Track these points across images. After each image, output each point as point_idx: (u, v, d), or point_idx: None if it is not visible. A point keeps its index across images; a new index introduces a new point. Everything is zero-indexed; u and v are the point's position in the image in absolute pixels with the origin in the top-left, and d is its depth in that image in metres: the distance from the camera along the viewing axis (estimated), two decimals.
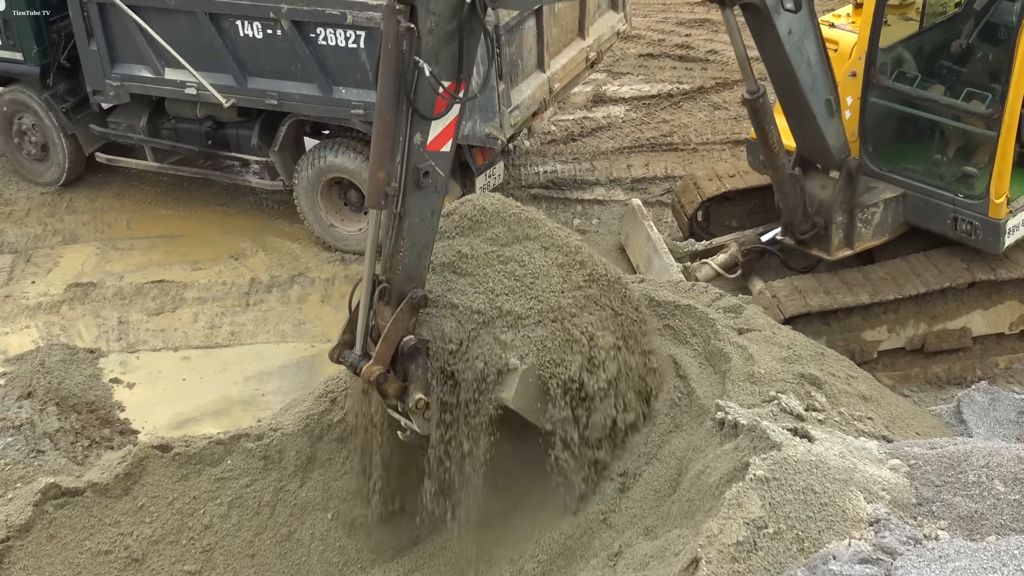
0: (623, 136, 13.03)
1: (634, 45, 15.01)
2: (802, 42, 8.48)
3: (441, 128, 6.60)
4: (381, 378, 6.81)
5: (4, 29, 11.95)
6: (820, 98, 8.77)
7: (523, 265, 7.03)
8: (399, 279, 6.79)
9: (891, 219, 9.33)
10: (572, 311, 6.88)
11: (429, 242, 6.85)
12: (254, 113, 11.33)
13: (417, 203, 6.68)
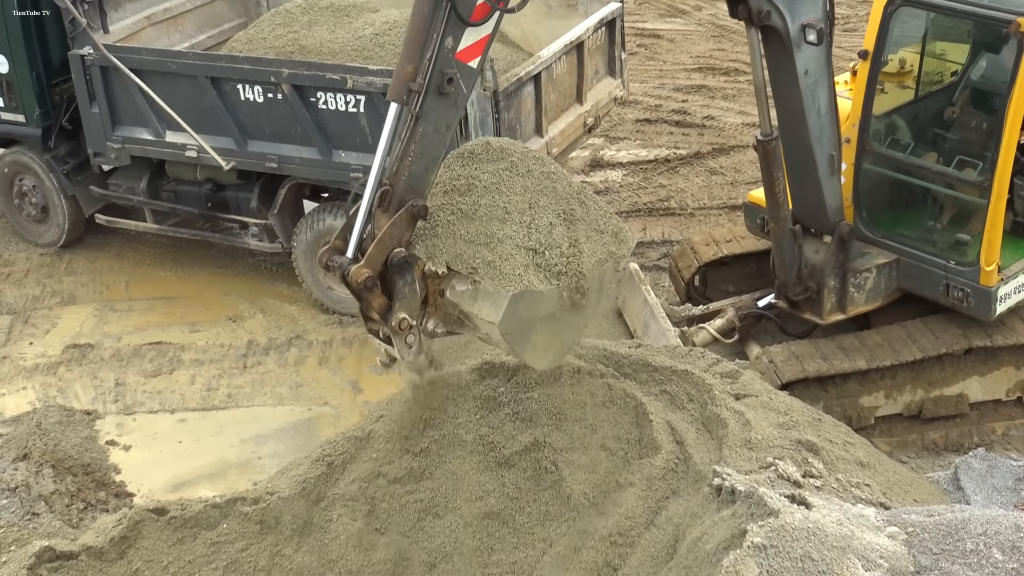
0: (620, 200, 13.11)
1: (631, 110, 15.14)
2: (816, 87, 8.59)
3: (474, 39, 6.66)
4: (368, 282, 6.65)
5: (7, 91, 12.04)
6: (824, 151, 8.87)
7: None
8: (403, 186, 6.71)
9: (884, 285, 9.37)
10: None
11: (439, 156, 6.81)
12: (254, 176, 11.41)
13: (435, 110, 6.67)
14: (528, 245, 6.89)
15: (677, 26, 18.15)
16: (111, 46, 11.20)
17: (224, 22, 13.25)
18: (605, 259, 7.13)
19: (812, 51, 8.48)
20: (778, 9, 8.25)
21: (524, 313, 6.77)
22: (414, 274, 6.77)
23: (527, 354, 6.94)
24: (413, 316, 6.78)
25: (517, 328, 6.79)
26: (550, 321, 6.95)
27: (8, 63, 11.85)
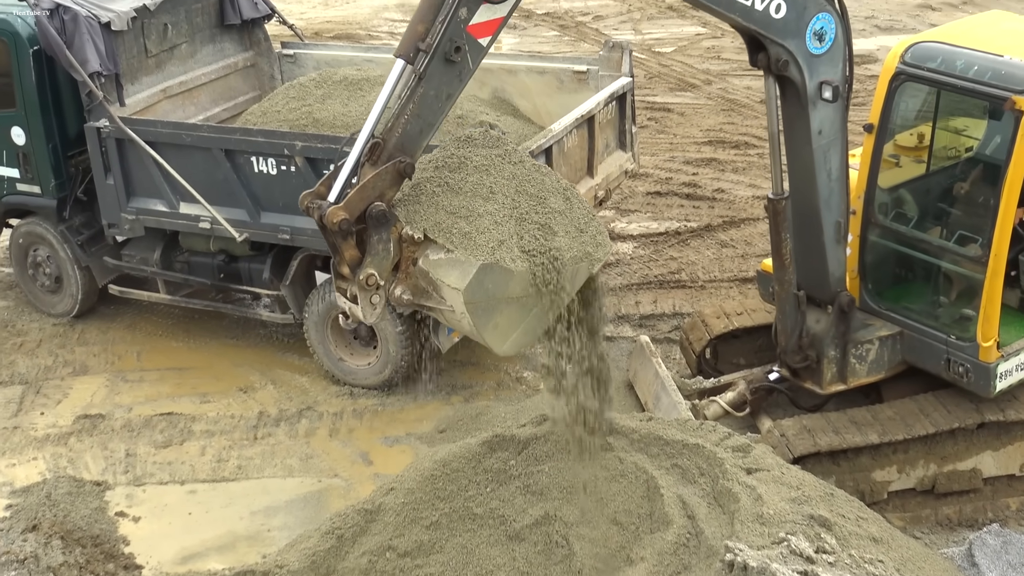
0: (631, 273, 13.14)
1: (642, 183, 15.22)
2: (829, 149, 8.65)
3: (488, 17, 6.89)
4: (343, 224, 6.68)
5: (23, 163, 12.15)
6: (832, 217, 8.91)
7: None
8: (394, 143, 6.84)
9: (888, 357, 9.37)
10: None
11: (434, 123, 6.94)
12: (266, 247, 11.47)
13: (438, 76, 6.84)
14: (507, 225, 6.98)
15: (687, 100, 18.30)
16: (127, 119, 11.31)
17: (239, 95, 13.39)
18: (580, 258, 7.16)
19: (828, 111, 8.56)
20: (797, 62, 8.37)
21: (491, 288, 6.81)
22: (390, 233, 6.84)
23: (488, 332, 6.93)
24: (382, 276, 6.84)
25: (482, 301, 6.81)
26: (517, 305, 6.98)
27: (25, 135, 11.97)
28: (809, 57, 8.39)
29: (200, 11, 12.91)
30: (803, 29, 8.32)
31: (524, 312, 7.06)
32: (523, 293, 6.98)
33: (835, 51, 8.48)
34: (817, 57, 8.42)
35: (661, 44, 20.94)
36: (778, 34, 8.29)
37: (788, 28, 8.29)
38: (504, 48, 20.96)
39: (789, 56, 8.33)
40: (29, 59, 11.64)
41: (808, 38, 8.35)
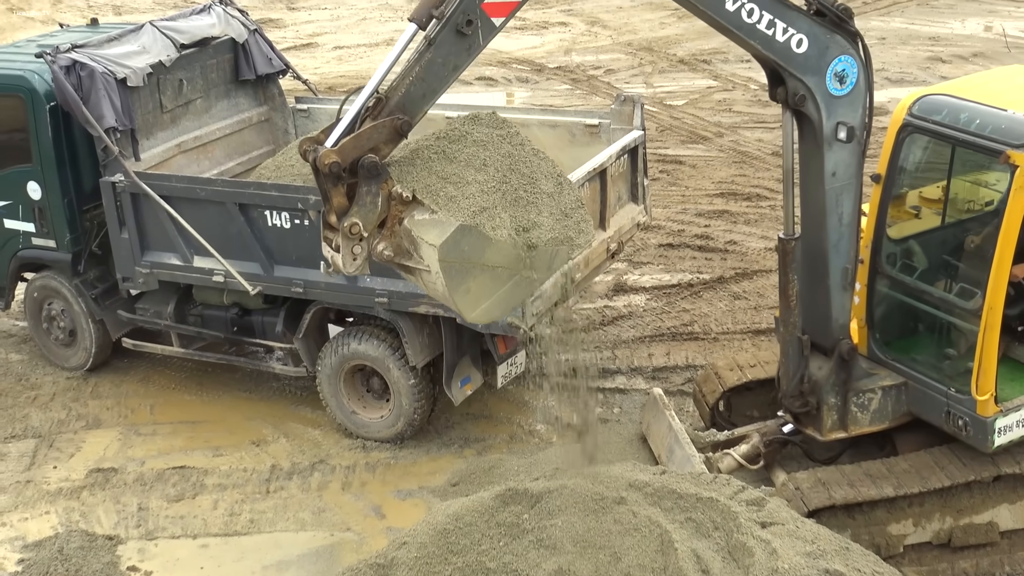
0: (644, 325, 13.14)
1: (654, 235, 15.25)
2: (842, 193, 8.68)
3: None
4: (334, 167, 6.84)
5: (39, 217, 12.23)
6: (839, 262, 8.92)
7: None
8: (396, 101, 7.03)
9: (892, 407, 9.33)
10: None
11: (438, 89, 7.14)
12: (279, 300, 11.50)
13: (447, 46, 7.07)
14: (493, 196, 7.12)
15: (699, 152, 18.36)
16: (142, 173, 11.39)
17: (253, 150, 13.47)
18: (561, 240, 7.24)
19: (843, 154, 8.60)
20: (815, 99, 8.44)
21: (467, 251, 6.93)
22: (380, 188, 7.01)
23: (458, 295, 7.03)
24: (366, 227, 7.00)
25: (456, 261, 6.93)
26: (492, 275, 7.10)
27: (41, 190, 12.05)
28: (828, 97, 8.46)
29: (215, 67, 13.03)
30: (824, 68, 8.41)
31: (498, 283, 7.16)
32: (499, 263, 7.09)
33: (856, 95, 8.53)
34: (837, 98, 8.49)
35: (672, 97, 21.06)
36: (798, 69, 8.38)
37: (808, 64, 8.38)
38: (516, 101, 21.10)
39: (807, 92, 8.42)
40: (46, 115, 11.74)
41: (829, 77, 8.43)
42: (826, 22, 8.38)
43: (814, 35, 8.35)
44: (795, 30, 8.30)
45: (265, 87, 13.63)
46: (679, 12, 26.39)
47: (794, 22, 8.31)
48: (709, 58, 23.25)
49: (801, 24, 8.32)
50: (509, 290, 7.24)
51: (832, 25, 8.38)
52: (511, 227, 7.13)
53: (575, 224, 7.39)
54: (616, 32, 25.85)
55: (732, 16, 8.20)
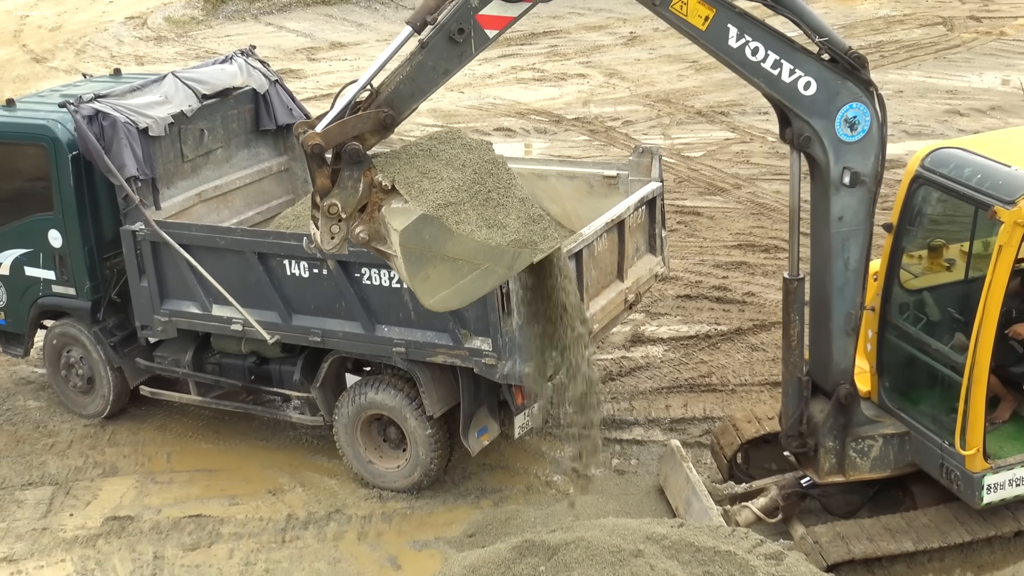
0: (661, 376, 13.11)
1: (672, 287, 15.25)
2: (849, 238, 8.69)
3: (499, 12, 7.66)
4: (316, 148, 7.43)
5: (59, 265, 12.30)
6: (844, 307, 8.92)
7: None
8: (386, 96, 7.63)
9: (894, 456, 9.30)
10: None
11: (426, 91, 7.72)
12: (297, 349, 11.52)
13: (439, 51, 7.63)
14: (463, 193, 7.64)
15: (717, 204, 18.38)
16: (162, 222, 11.46)
17: (272, 199, 13.54)
18: (524, 243, 7.68)
19: (851, 199, 8.63)
20: (821, 142, 8.49)
21: (428, 239, 7.44)
22: (362, 175, 7.56)
23: (417, 281, 7.54)
24: (345, 210, 7.56)
25: (417, 248, 7.45)
26: (452, 266, 7.58)
27: (62, 238, 12.13)
28: (837, 142, 8.51)
29: (236, 117, 13.15)
30: (833, 113, 8.47)
31: (458, 274, 7.61)
32: (459, 256, 7.56)
33: (868, 143, 8.56)
34: (847, 144, 8.54)
35: (690, 149, 21.11)
36: (804, 111, 8.45)
37: (816, 108, 8.44)
38: (534, 152, 21.19)
39: (813, 134, 8.48)
40: (68, 164, 11.84)
41: (838, 123, 8.49)
42: (837, 68, 8.45)
43: (823, 79, 8.41)
44: (802, 72, 8.39)
45: (285, 137, 13.72)
46: (697, 64, 26.54)
47: (802, 64, 8.40)
48: (727, 110, 23.32)
49: (809, 67, 8.40)
50: (469, 283, 7.69)
51: (843, 71, 8.44)
52: (477, 224, 7.60)
53: (541, 230, 7.82)
54: (634, 84, 25.98)
55: (736, 53, 8.34)
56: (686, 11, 8.30)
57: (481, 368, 10.22)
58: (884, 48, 27.46)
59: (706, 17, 8.32)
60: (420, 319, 10.43)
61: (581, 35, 31.13)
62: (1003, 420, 9.18)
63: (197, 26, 34.53)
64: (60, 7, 37.83)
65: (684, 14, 8.31)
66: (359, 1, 35.77)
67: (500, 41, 30.98)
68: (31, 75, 29.44)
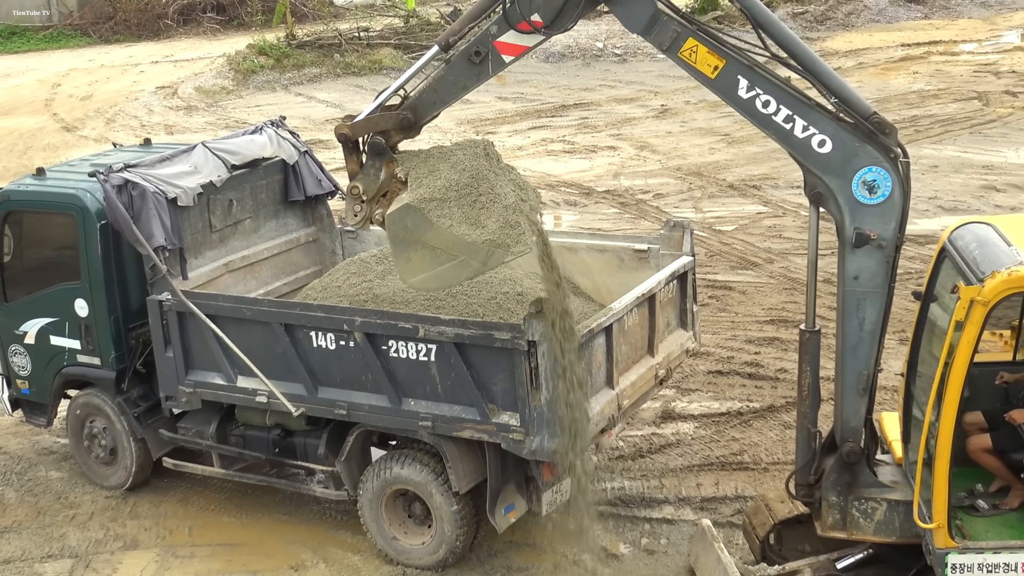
0: (692, 454, 13.02)
1: (703, 362, 15.20)
2: (864, 299, 8.76)
3: (515, 40, 8.87)
4: (341, 138, 9.27)
5: (85, 334, 12.37)
6: (856, 366, 8.95)
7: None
8: (411, 101, 9.21)
9: (900, 523, 9.20)
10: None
11: (445, 101, 9.18)
12: (322, 422, 11.51)
13: (459, 69, 9.02)
14: (453, 191, 9.05)
15: (749, 278, 18.38)
16: (189, 292, 11.53)
17: (300, 270, 13.63)
18: (498, 244, 8.94)
19: (868, 261, 8.72)
20: (836, 200, 8.65)
21: (411, 226, 9.00)
22: (384, 165, 9.28)
23: (400, 262, 9.22)
24: (367, 192, 9.29)
25: (401, 233, 9.07)
26: (432, 253, 9.03)
27: (88, 307, 12.21)
28: (854, 202, 8.62)
29: (265, 187, 13.26)
30: (850, 174, 8.60)
31: (436, 261, 9.06)
32: (437, 245, 8.98)
33: (888, 208, 8.65)
34: (865, 206, 8.63)
35: (722, 222, 21.15)
36: (818, 168, 8.63)
37: (831, 167, 8.60)
38: (564, 225, 21.25)
39: (827, 192, 8.65)
40: (96, 233, 11.95)
41: (855, 185, 8.61)
42: (856, 130, 8.57)
43: (840, 140, 8.57)
44: (817, 130, 8.61)
45: (314, 208, 13.84)
46: (729, 138, 26.67)
47: (816, 122, 8.60)
48: (759, 183, 23.38)
49: (825, 126, 8.59)
50: (446, 270, 9.11)
51: (863, 135, 8.56)
52: (458, 220, 8.98)
53: (518, 236, 9.02)
54: (665, 157, 26.10)
55: (746, 104, 8.66)
56: (695, 59, 8.76)
57: (508, 444, 10.19)
58: (919, 123, 27.53)
59: (715, 67, 8.74)
60: (447, 393, 10.41)
61: (612, 107, 31.36)
62: (1011, 508, 9.06)
63: (227, 96, 34.99)
64: (91, 76, 38.46)
65: (693, 61, 8.76)
66: (389, 72, 36.15)
67: (530, 113, 31.31)
68: (61, 144, 29.85)
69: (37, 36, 46.97)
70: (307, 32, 40.05)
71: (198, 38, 45.56)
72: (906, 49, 36.58)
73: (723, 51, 8.78)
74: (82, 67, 40.32)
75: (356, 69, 36.93)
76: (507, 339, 9.89)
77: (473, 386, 10.19)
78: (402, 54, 37.70)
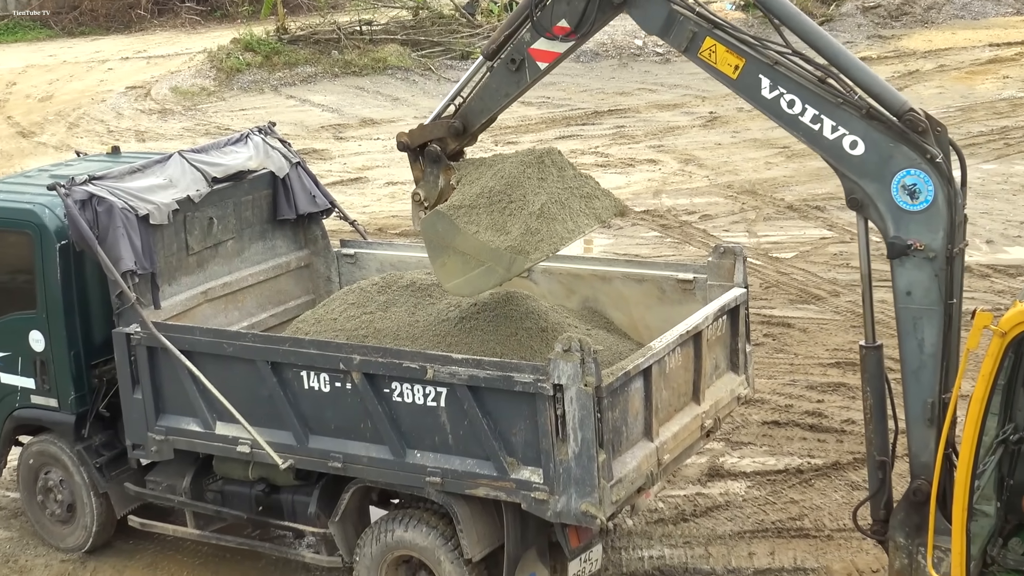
0: (744, 518, 12.99)
1: (757, 411, 15.18)
2: (920, 318, 8.95)
3: (548, 47, 10.18)
4: (400, 145, 11.07)
5: (40, 372, 12.39)
6: (921, 393, 9.10)
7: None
8: (463, 108, 10.73)
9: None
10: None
11: (492, 108, 10.64)
12: (314, 476, 11.52)
13: (501, 75, 10.45)
14: (483, 199, 10.48)
15: (811, 314, 18.36)
16: (161, 324, 11.57)
17: (290, 299, 13.66)
18: (518, 250, 10.22)
19: (919, 275, 8.95)
20: (876, 207, 9.02)
21: (442, 232, 10.49)
22: (441, 172, 10.93)
23: (436, 266, 10.66)
24: (428, 199, 10.98)
25: (434, 239, 10.60)
26: (462, 258, 10.41)
27: (45, 340, 12.25)
28: (896, 210, 8.94)
29: (251, 204, 13.30)
30: (887, 177, 8.93)
31: (468, 266, 10.39)
32: (466, 250, 10.35)
33: (933, 215, 8.85)
34: (908, 213, 8.91)
35: (779, 248, 21.16)
36: (852, 171, 9.03)
37: (866, 170, 8.98)
38: (596, 250, 21.29)
39: (866, 198, 9.05)
40: (55, 255, 11.99)
41: (895, 189, 8.94)
42: (887, 129, 8.89)
43: (873, 140, 8.91)
44: (847, 130, 9.02)
45: (307, 228, 13.89)
46: (788, 151, 26.68)
47: (846, 122, 9.01)
48: (822, 204, 23.37)
49: (855, 125, 8.98)
50: (477, 276, 10.38)
51: (896, 134, 8.85)
52: (484, 227, 10.33)
53: (536, 242, 10.25)
54: (714, 172, 26.15)
55: (770, 104, 9.21)
56: (715, 59, 9.44)
57: (530, 503, 10.17)
58: (1009, 135, 27.51)
59: (736, 66, 9.35)
60: (459, 444, 10.42)
61: (652, 114, 31.47)
62: None
63: (208, 98, 35.26)
64: (52, 74, 38.79)
65: (713, 61, 9.45)
66: (395, 72, 36.39)
67: (557, 120, 31.41)
68: (16, 151, 30.10)
69: None
70: (301, 25, 40.35)
71: (175, 31, 46.02)
72: (995, 50, 36.62)
73: (742, 49, 9.31)
74: (41, 63, 40.70)
75: (357, 68, 37.15)
76: (529, 382, 9.89)
77: (489, 436, 10.19)
78: (410, 51, 37.90)
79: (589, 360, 9.67)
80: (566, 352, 9.67)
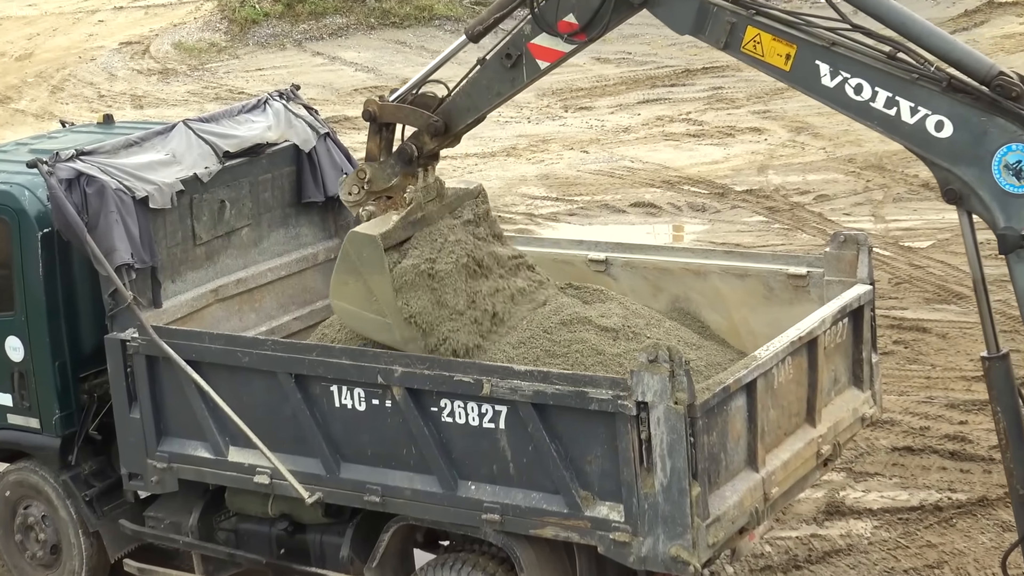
0: (870, 564, 12.95)
1: (886, 435, 15.12)
2: None
3: (547, 44, 10.29)
4: (366, 115, 11.11)
5: (18, 386, 12.44)
6: None
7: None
8: (445, 104, 10.83)
9: None
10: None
11: (479, 106, 10.82)
12: (347, 513, 11.56)
13: (492, 71, 10.58)
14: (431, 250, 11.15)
15: (951, 316, 18.27)
16: (163, 328, 11.62)
17: (317, 299, 13.64)
18: (408, 339, 10.92)
19: None
20: (978, 196, 9.03)
21: (365, 258, 10.92)
22: (403, 173, 11.19)
23: (334, 282, 11.24)
24: (372, 184, 11.28)
25: (352, 258, 11.04)
26: (367, 294, 10.97)
27: (24, 348, 12.30)
28: (1001, 194, 8.94)
29: (270, 184, 13.28)
30: (985, 157, 8.91)
31: (367, 306, 11.04)
32: (376, 292, 10.92)
33: None
34: (1017, 197, 8.90)
35: (912, 236, 21.05)
36: (943, 157, 9.04)
37: (959, 153, 8.97)
38: (687, 239, 21.26)
39: (964, 187, 9.06)
40: (36, 245, 12.03)
41: (996, 171, 8.91)
42: (975, 101, 8.89)
43: (960, 116, 8.88)
44: (928, 110, 9.01)
45: (336, 213, 13.87)
46: None
47: (926, 101, 9.01)
48: None
49: (938, 103, 8.97)
50: (371, 320, 11.10)
51: (987, 105, 8.84)
52: (412, 273, 10.93)
53: (444, 336, 11.01)
54: (832, 143, 26.03)
55: (834, 94, 9.26)
56: (761, 51, 9.53)
57: (608, 546, 10.17)
58: None
59: (787, 55, 9.39)
60: (522, 475, 10.41)
61: (756, 73, 31.29)
62: None
63: (218, 55, 35.44)
64: (32, 28, 39.02)
65: (759, 54, 9.54)
66: (443, 23, 36.42)
67: (641, 80, 31.38)
68: None
69: None
70: None
71: None
72: None
73: (791, 34, 9.31)
74: (19, 15, 41.00)
75: (397, 19, 37.23)
76: (608, 399, 9.88)
77: (559, 465, 10.19)
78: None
79: (680, 373, 9.65)
80: (652, 363, 9.64)
